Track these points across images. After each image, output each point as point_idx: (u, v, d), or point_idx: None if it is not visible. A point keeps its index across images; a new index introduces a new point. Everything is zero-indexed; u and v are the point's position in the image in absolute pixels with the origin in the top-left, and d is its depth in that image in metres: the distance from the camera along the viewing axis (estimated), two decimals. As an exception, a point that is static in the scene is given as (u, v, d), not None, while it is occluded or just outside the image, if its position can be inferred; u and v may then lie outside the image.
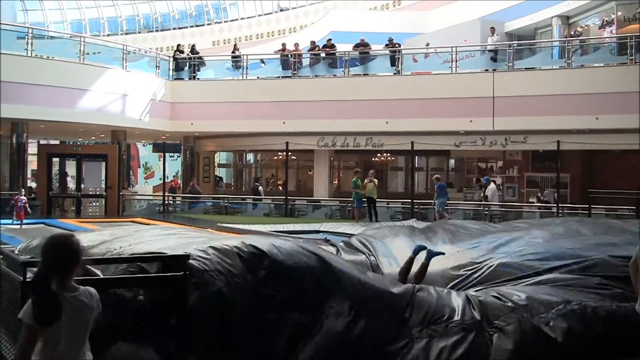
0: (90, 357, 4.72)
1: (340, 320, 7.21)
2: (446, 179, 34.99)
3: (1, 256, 7.71)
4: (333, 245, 11.64)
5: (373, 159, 35.06)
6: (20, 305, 5.32)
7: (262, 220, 26.59)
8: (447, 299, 7.79)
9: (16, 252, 10.60)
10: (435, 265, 9.80)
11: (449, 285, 9.10)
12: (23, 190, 25.59)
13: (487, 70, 29.10)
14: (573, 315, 7.55)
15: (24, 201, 23.28)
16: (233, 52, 35.91)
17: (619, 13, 29.47)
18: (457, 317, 7.45)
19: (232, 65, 34.20)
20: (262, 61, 34.96)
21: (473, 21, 33.40)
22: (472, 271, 9.41)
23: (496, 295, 8.06)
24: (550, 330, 7.40)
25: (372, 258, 10.82)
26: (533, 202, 28.80)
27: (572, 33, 31.30)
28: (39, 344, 4.45)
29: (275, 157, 38.02)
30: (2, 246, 9.20)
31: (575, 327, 7.45)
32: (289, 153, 31.31)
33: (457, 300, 7.76)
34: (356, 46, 31.93)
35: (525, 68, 28.66)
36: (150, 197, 37.10)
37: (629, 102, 24.67)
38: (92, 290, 4.69)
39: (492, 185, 28.20)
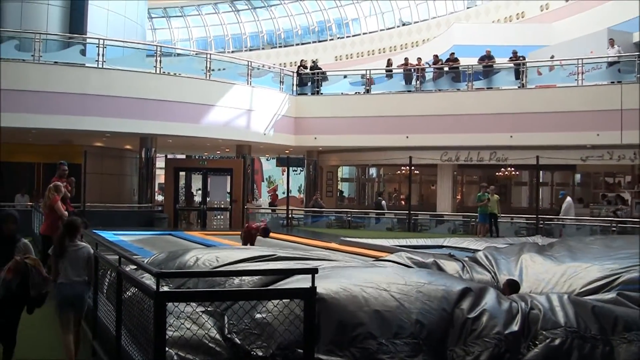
0: (85, 277, 8.78)
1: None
2: (572, 194, 34.33)
3: (135, 267, 8.02)
4: (458, 260, 11.63)
5: (497, 173, 34.68)
6: (154, 315, 5.53)
7: (385, 235, 26.62)
8: (556, 307, 7.70)
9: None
10: (562, 284, 9.71)
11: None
12: None
13: (614, 82, 28.44)
14: None
15: None
16: (388, 65, 35.85)
17: None
18: (570, 326, 7.36)
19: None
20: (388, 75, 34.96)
21: (599, 32, 32.60)
22: (599, 286, 9.27)
23: (626, 304, 7.97)
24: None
25: (495, 275, 10.80)
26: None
27: None
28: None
29: (398, 172, 37.99)
30: (133, 257, 9.54)
31: None
32: (412, 167, 31.28)
33: (568, 307, 7.65)
34: (481, 59, 31.72)
35: (655, 79, 27.87)
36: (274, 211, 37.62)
37: None
38: (87, 248, 8.94)
39: (568, 199, 27.88)
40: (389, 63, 35.79)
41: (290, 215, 32.17)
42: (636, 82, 27.43)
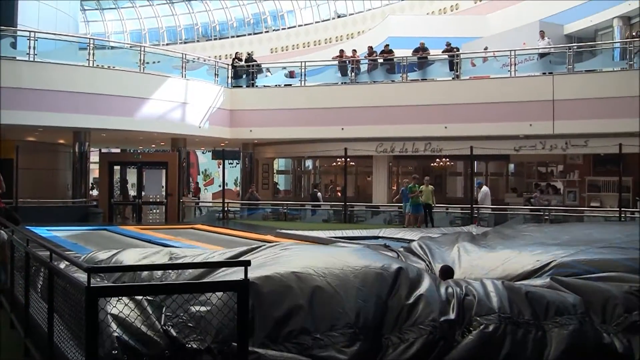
0: None
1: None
2: (506, 183, 34.78)
3: (67, 262, 7.89)
4: (393, 250, 11.68)
5: (432, 164, 34.94)
6: (86, 311, 5.44)
7: (321, 226, 26.62)
8: (490, 293, 7.78)
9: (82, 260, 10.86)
10: (496, 270, 9.81)
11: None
12: None
13: (545, 73, 28.81)
14: (634, 328, 7.54)
15: None
16: (340, 55, 35.09)
17: (682, 13, 29.08)
18: (504, 311, 7.45)
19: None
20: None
21: (532, 24, 33.05)
22: (533, 272, 9.39)
23: (559, 288, 8.10)
24: (611, 340, 7.42)
25: (430, 264, 10.89)
26: (595, 207, 28.50)
27: (633, 34, 30.90)
28: None
29: (334, 163, 38.06)
30: (65, 252, 9.40)
31: (635, 341, 7.45)
32: (348, 159, 31.37)
33: (502, 293, 7.73)
34: (415, 50, 31.85)
35: (585, 70, 28.29)
36: (210, 204, 37.44)
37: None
38: (1, 233, 10.10)
39: (484, 188, 28.59)
40: (341, 54, 35.41)
41: (226, 209, 32.04)
42: (567, 73, 27.86)
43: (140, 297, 6.88)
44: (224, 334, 6.51)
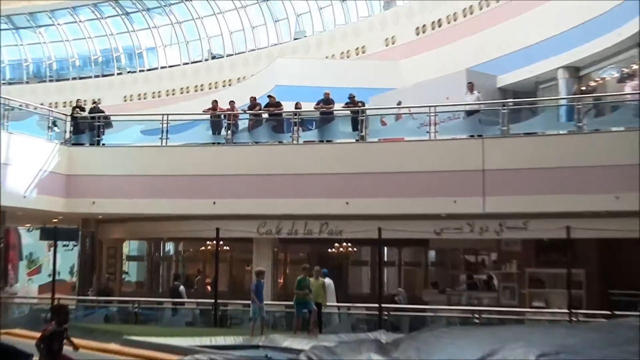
0: None
1: None
2: (424, 276, 34.92)
3: None
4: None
5: (329, 250, 34.89)
6: None
7: (184, 332, 26.24)
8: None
9: None
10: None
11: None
12: None
13: (474, 135, 29.12)
14: None
15: None
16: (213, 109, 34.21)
17: (643, 63, 29.97)
18: None
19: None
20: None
21: (457, 73, 33.47)
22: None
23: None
24: None
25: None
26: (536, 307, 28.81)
27: (583, 88, 31.65)
28: None
29: (203, 248, 37.77)
30: None
31: None
32: (221, 242, 31.09)
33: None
34: (318, 103, 31.66)
35: (524, 133, 28.69)
36: (35, 300, 36.56)
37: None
38: None
39: (327, 280, 28.34)
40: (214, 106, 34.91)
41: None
42: (501, 136, 28.11)
43: None
44: None
